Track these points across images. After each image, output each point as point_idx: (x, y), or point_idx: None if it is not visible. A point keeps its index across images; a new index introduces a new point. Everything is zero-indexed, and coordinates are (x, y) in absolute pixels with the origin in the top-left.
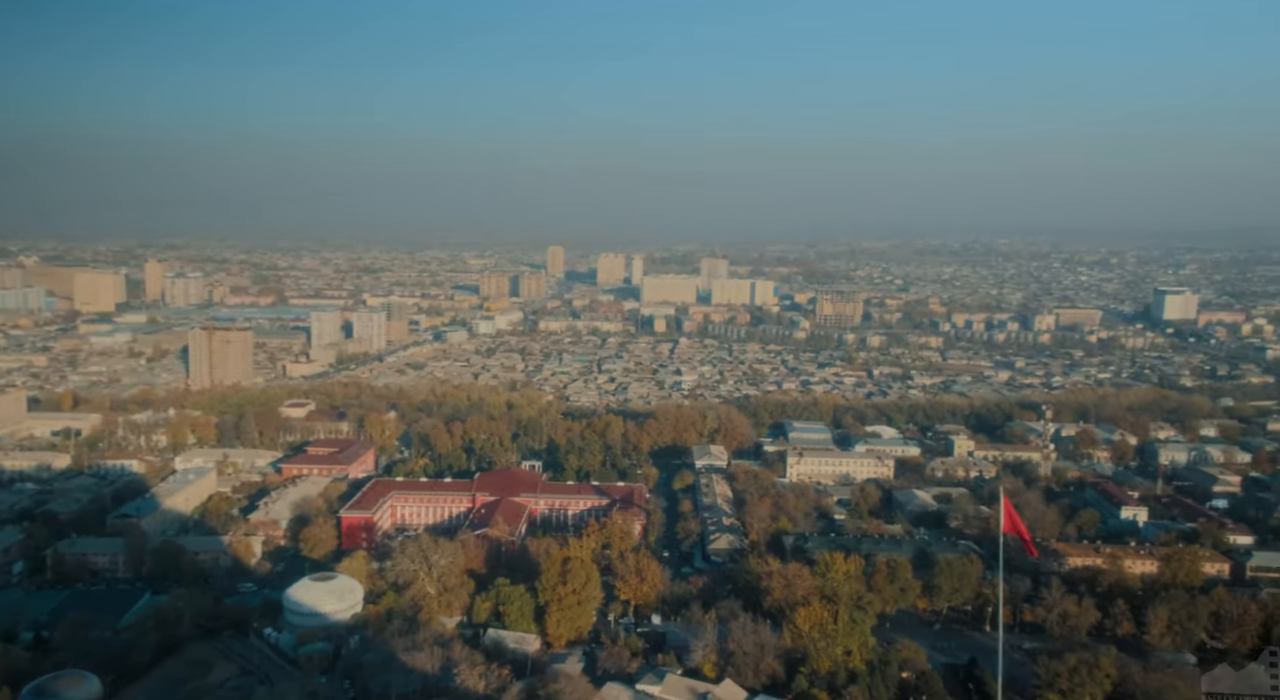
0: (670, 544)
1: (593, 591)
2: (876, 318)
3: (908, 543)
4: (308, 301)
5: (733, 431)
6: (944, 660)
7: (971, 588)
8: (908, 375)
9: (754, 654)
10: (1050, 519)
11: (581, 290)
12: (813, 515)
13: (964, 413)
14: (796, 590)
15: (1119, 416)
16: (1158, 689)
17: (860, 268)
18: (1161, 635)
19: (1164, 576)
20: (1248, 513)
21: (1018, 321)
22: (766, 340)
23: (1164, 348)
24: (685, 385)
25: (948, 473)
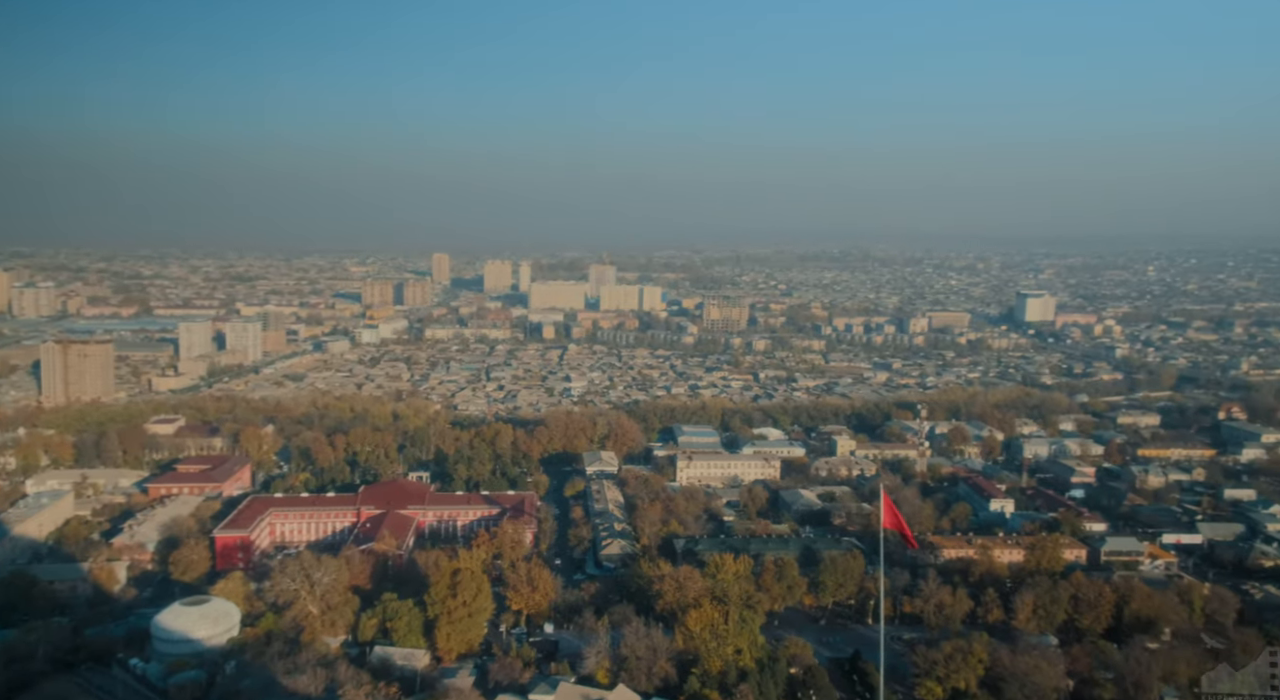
0: (562, 551)
1: (484, 603)
2: (761, 322)
3: (794, 541)
4: (175, 312)
5: (623, 437)
6: (829, 654)
7: (855, 583)
8: (792, 378)
9: (647, 658)
10: (926, 513)
11: (468, 297)
12: (703, 518)
13: (846, 413)
14: (688, 593)
15: (987, 414)
16: (1024, 670)
17: (745, 273)
18: (1028, 619)
19: (1029, 564)
20: (1102, 501)
21: (894, 324)
22: (655, 345)
23: (1026, 348)
24: (575, 391)
25: (831, 472)
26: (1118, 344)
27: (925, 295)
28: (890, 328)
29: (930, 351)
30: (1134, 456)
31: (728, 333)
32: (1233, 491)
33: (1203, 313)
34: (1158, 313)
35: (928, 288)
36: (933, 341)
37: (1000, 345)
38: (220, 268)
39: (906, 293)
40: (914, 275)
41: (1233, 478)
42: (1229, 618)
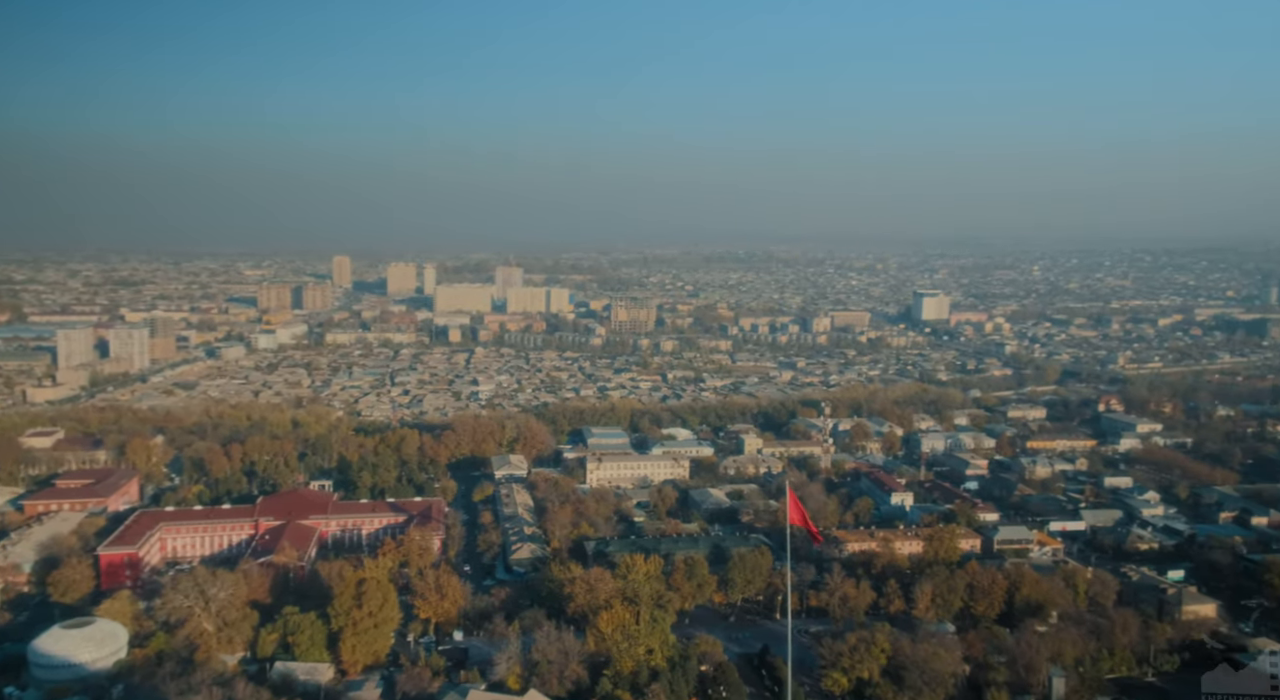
0: (472, 557)
1: (390, 613)
2: (669, 323)
3: (704, 540)
4: (53, 318)
5: (532, 440)
6: (739, 650)
7: (763, 579)
8: (700, 378)
9: (558, 662)
10: (831, 508)
11: (371, 301)
12: (613, 519)
13: (753, 412)
14: (599, 594)
15: (887, 410)
16: (924, 658)
17: (652, 275)
18: (927, 608)
19: (928, 555)
20: (994, 492)
21: (798, 324)
22: (563, 347)
23: (923, 345)
24: (483, 395)
25: (739, 470)
26: (1007, 341)
27: (827, 295)
28: (794, 327)
29: (833, 350)
30: (1023, 448)
31: (636, 334)
32: (1112, 480)
33: (1083, 310)
34: (1043, 311)
35: (830, 288)
36: (835, 340)
37: (899, 343)
38: (102, 272)
39: (809, 293)
40: (816, 276)
41: (1111, 467)
42: (1109, 599)
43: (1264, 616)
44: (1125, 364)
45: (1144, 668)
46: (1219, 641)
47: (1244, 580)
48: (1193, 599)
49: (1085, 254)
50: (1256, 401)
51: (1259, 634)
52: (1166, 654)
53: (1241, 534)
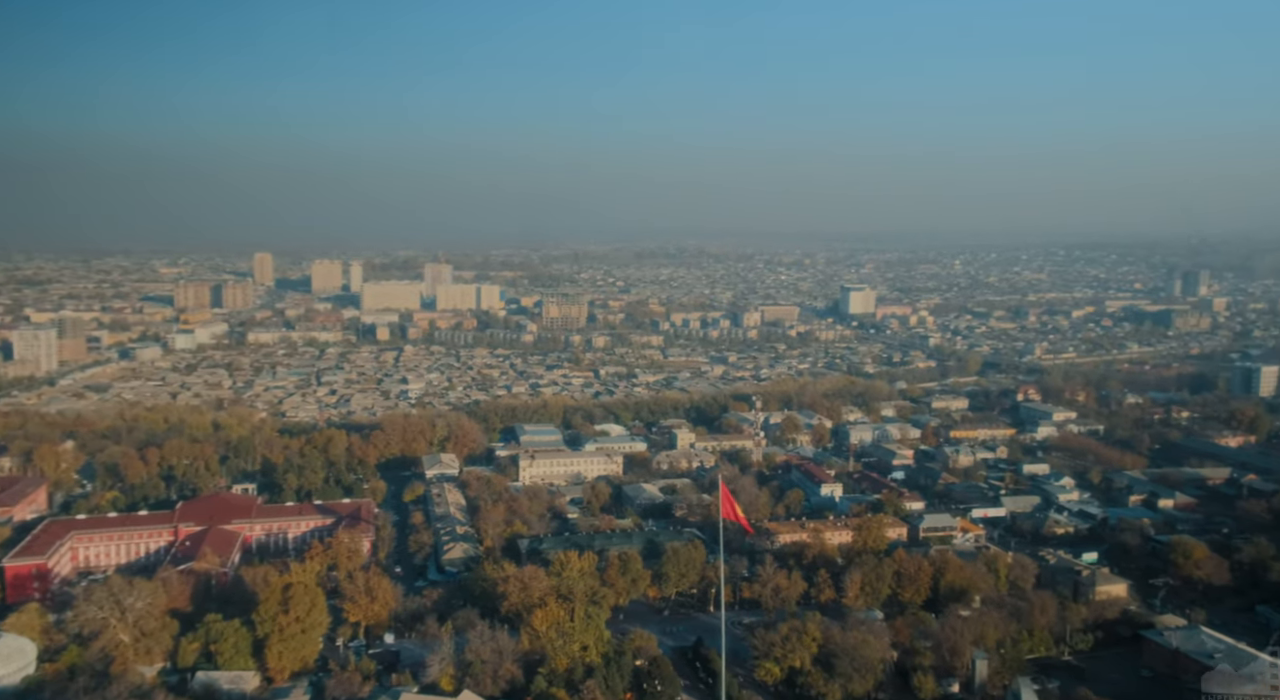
0: (403, 558)
1: (318, 617)
2: (601, 319)
3: (638, 535)
4: None
5: (463, 438)
6: (673, 644)
7: (697, 572)
8: (632, 374)
9: (492, 661)
10: (763, 501)
11: (295, 299)
12: (547, 516)
13: (685, 407)
14: (533, 592)
15: (817, 403)
16: (854, 645)
17: (584, 271)
18: (856, 596)
19: (857, 544)
20: (920, 481)
21: (729, 319)
22: (494, 345)
23: (850, 339)
24: (412, 394)
25: (672, 465)
26: (931, 333)
27: (757, 290)
28: (725, 322)
29: (763, 344)
30: (947, 438)
31: (568, 330)
32: (1030, 467)
33: (1002, 303)
34: (964, 304)
35: (759, 283)
36: (765, 335)
37: (827, 337)
38: (4, 271)
39: (740, 288)
40: (746, 271)
41: (1030, 454)
42: (1029, 582)
43: (1170, 594)
44: (1042, 355)
45: (1061, 647)
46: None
47: (1152, 560)
48: (1105, 580)
49: (1003, 249)
50: (1163, 389)
51: (1165, 611)
52: (1081, 633)
53: (1150, 516)
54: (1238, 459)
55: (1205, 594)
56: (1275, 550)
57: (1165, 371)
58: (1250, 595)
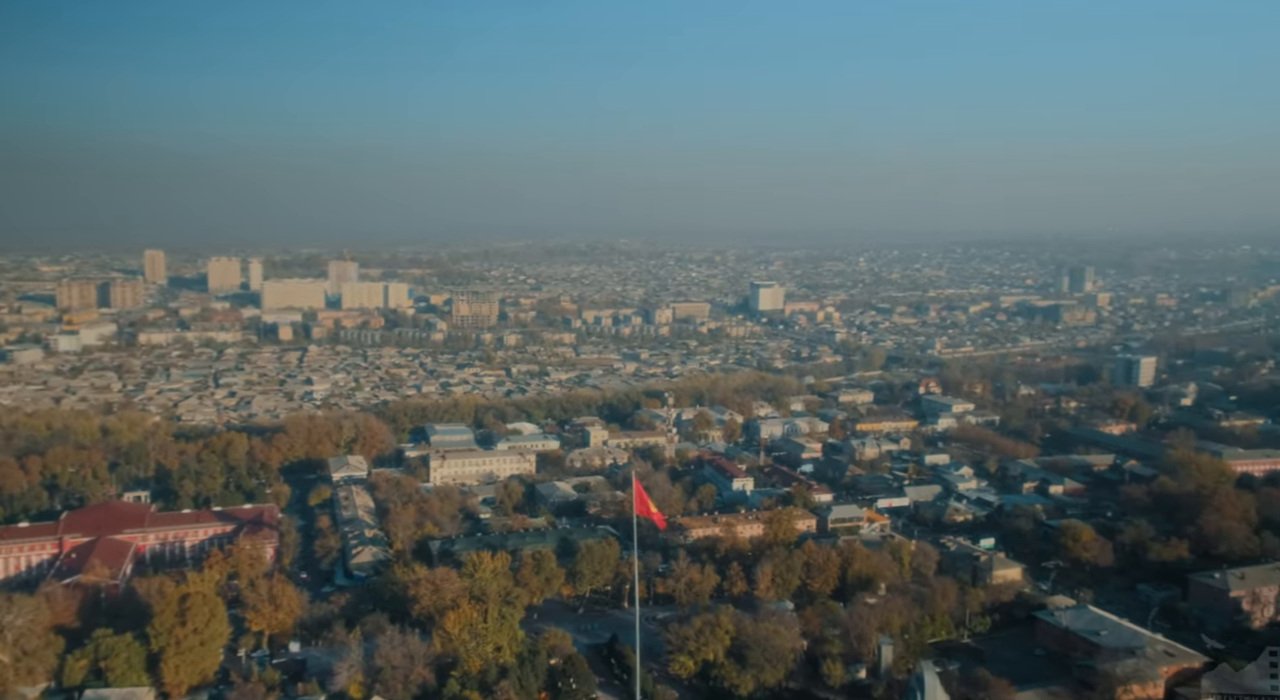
0: (309, 564)
1: (218, 628)
2: (512, 317)
3: (551, 534)
4: None
5: (372, 439)
6: (588, 641)
7: (611, 569)
8: (544, 371)
9: (403, 666)
10: (676, 496)
11: (190, 298)
12: (459, 517)
13: (598, 404)
14: (445, 594)
15: (728, 398)
16: (765, 636)
17: (494, 268)
18: (768, 588)
19: (768, 537)
20: (828, 474)
21: (641, 316)
22: (403, 344)
23: (760, 335)
24: (318, 395)
25: (585, 463)
26: (837, 329)
27: (669, 287)
28: (637, 319)
29: (675, 341)
30: (853, 431)
31: (478, 329)
32: (932, 457)
33: (904, 299)
34: (869, 300)
35: (670, 280)
36: (677, 331)
37: (738, 333)
38: None
39: (651, 285)
40: (657, 268)
41: (931, 445)
42: (931, 569)
43: (1061, 576)
44: (942, 349)
45: (961, 630)
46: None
47: (1044, 544)
48: (1001, 564)
49: (905, 247)
50: (1053, 380)
51: (1057, 592)
52: (980, 616)
53: (1042, 502)
54: (1120, 446)
55: (1092, 574)
56: (1154, 532)
57: (1055, 364)
58: (1132, 574)
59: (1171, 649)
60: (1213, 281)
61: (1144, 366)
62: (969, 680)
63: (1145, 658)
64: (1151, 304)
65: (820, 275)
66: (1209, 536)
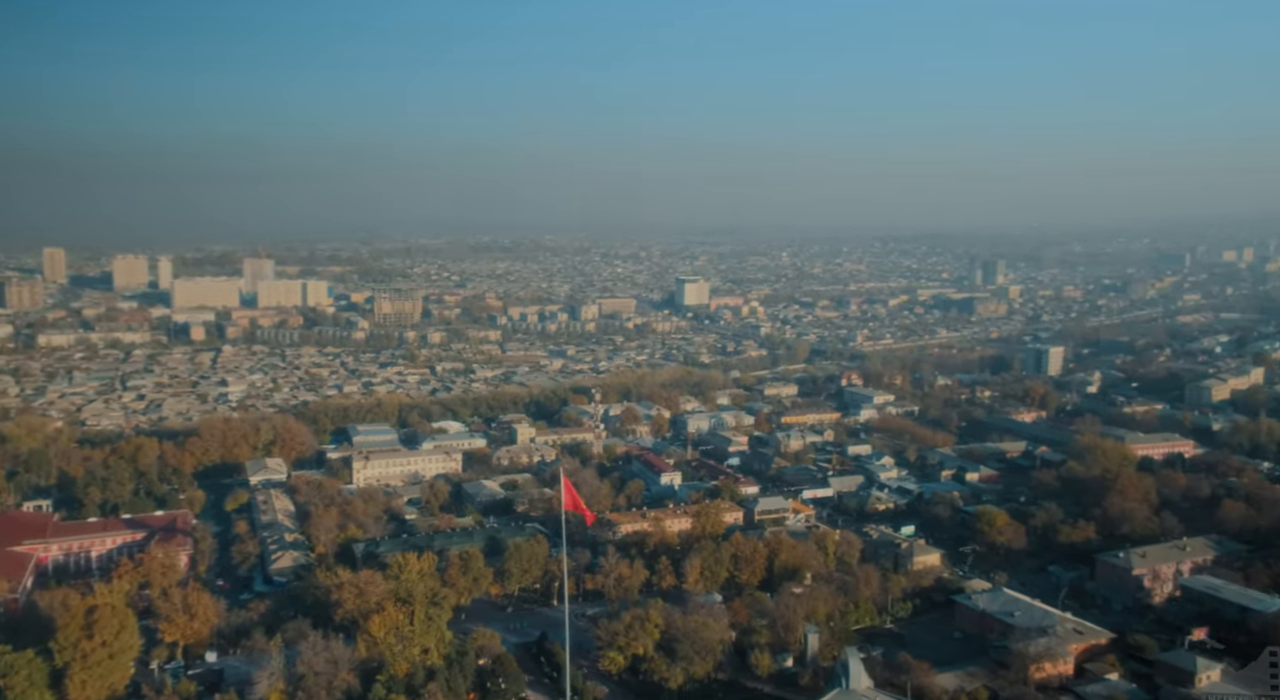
0: (226, 571)
1: (129, 640)
2: (436, 314)
3: (479, 533)
4: None
5: (291, 441)
6: (517, 640)
7: (540, 567)
8: (470, 369)
9: (327, 672)
10: (605, 492)
11: (94, 297)
12: (383, 519)
13: (525, 401)
14: (370, 598)
15: (655, 393)
16: (694, 629)
17: (417, 265)
18: (696, 581)
19: (696, 530)
20: (754, 466)
21: (567, 312)
22: (323, 343)
23: (686, 330)
24: (233, 396)
25: (513, 460)
26: (762, 323)
27: (594, 283)
28: (563, 315)
29: (601, 337)
30: (778, 424)
31: (402, 327)
32: (855, 448)
33: (826, 293)
34: (792, 294)
35: (596, 276)
36: (603, 327)
37: (664, 328)
38: None
39: (577, 281)
40: (583, 264)
41: (854, 436)
42: (855, 557)
43: (977, 560)
44: (863, 341)
45: (883, 616)
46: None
47: (961, 530)
48: (921, 551)
49: (826, 242)
50: (968, 371)
51: (973, 576)
52: (901, 601)
53: (959, 489)
54: (1031, 433)
55: (1007, 557)
56: (1064, 515)
57: (970, 354)
58: (1044, 556)
59: (1080, 626)
60: (1115, 274)
61: (1052, 356)
62: (891, 664)
63: (1056, 636)
64: (1059, 296)
65: (745, 270)
66: (1113, 518)
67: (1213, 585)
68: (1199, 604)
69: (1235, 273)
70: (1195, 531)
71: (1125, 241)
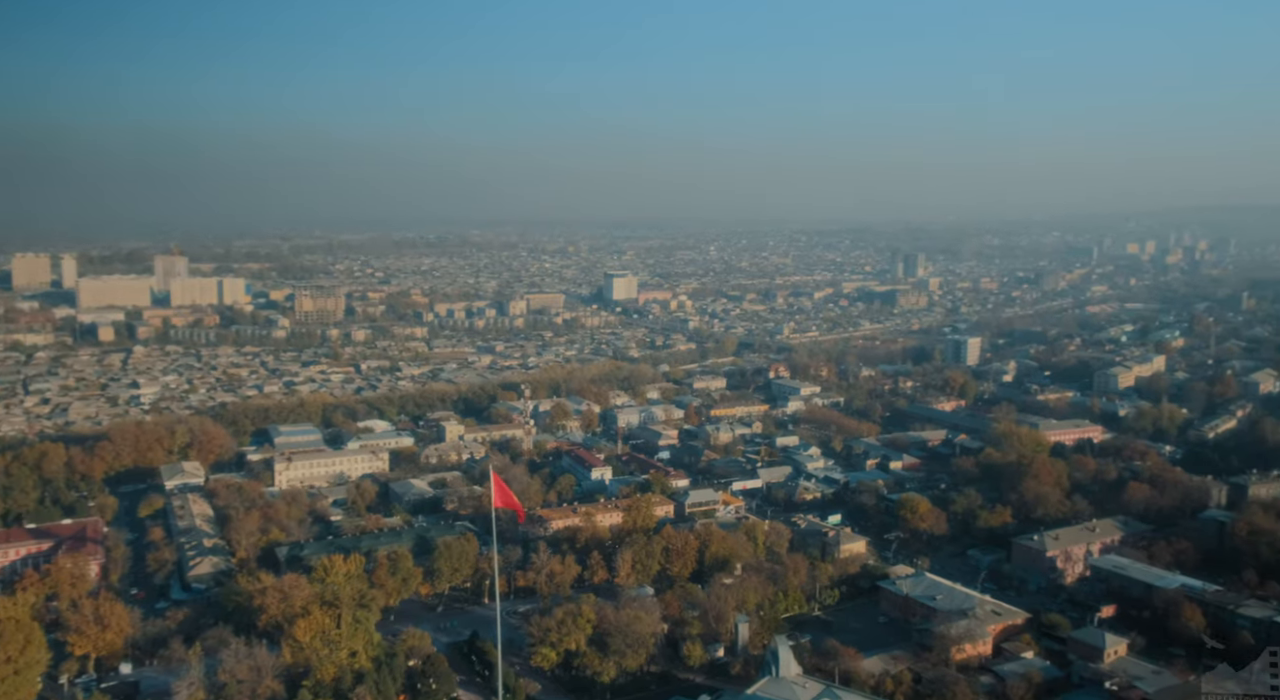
0: (141, 580)
1: (36, 655)
2: (360, 311)
3: (408, 532)
4: None
5: (209, 444)
6: (448, 640)
7: (470, 565)
8: (396, 367)
9: (250, 680)
10: (535, 488)
11: None
12: (308, 521)
13: (453, 399)
14: (294, 602)
15: (585, 388)
16: (627, 622)
17: (339, 262)
18: (628, 575)
19: (627, 524)
20: (684, 459)
21: (495, 308)
22: (242, 342)
23: (615, 324)
24: (146, 399)
25: (441, 458)
26: (690, 317)
27: (522, 278)
28: (491, 311)
29: (530, 332)
30: (708, 417)
31: (324, 324)
32: (783, 439)
33: (753, 286)
34: (719, 288)
35: (524, 271)
36: (532, 323)
37: (593, 323)
38: None
39: (504, 277)
40: (510, 259)
41: (782, 428)
42: (783, 547)
43: (901, 546)
44: (789, 334)
45: (812, 604)
46: (868, 573)
47: (886, 517)
48: (848, 539)
49: (753, 235)
50: (891, 362)
51: (898, 562)
52: (829, 589)
53: (883, 477)
54: (952, 421)
55: (929, 543)
56: (982, 500)
57: (892, 345)
58: (964, 541)
59: (998, 608)
60: (1028, 266)
61: (970, 346)
62: (820, 650)
63: (975, 618)
64: (976, 287)
65: (672, 264)
66: (1029, 502)
67: (1119, 564)
68: (1107, 583)
69: (1139, 265)
70: (1104, 513)
71: (1037, 234)
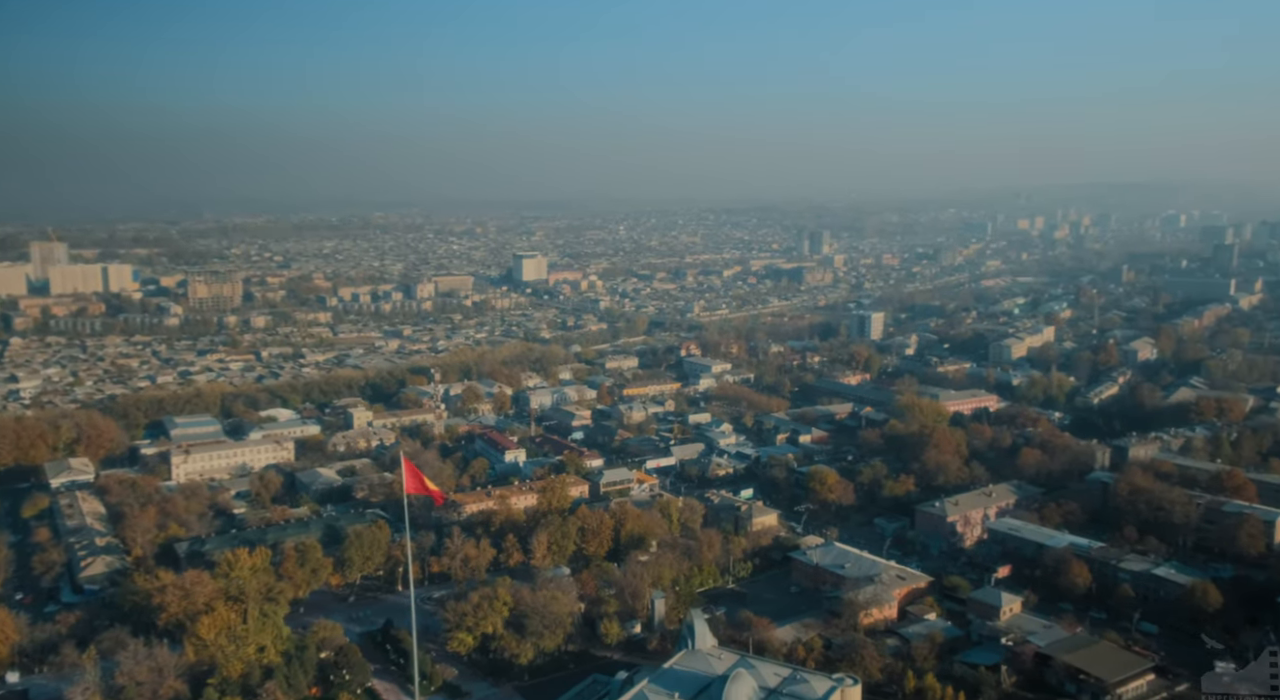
0: (26, 583)
1: None
2: (259, 297)
3: (316, 523)
4: None
5: (98, 439)
6: (360, 629)
7: (382, 553)
8: (299, 354)
9: (151, 681)
10: (447, 473)
11: None
12: (209, 515)
13: (360, 385)
14: (197, 599)
15: (496, 371)
16: (543, 603)
17: (235, 246)
18: (544, 556)
19: (542, 506)
20: (598, 439)
21: (401, 291)
22: (130, 331)
23: (526, 306)
24: (25, 393)
25: (350, 446)
26: (601, 297)
27: (429, 261)
28: (398, 295)
29: (439, 315)
30: (621, 396)
31: (220, 311)
32: (695, 417)
33: (663, 265)
34: (630, 267)
35: (431, 253)
36: (440, 306)
37: (503, 305)
38: None
39: (411, 259)
40: (416, 241)
41: (694, 405)
42: (697, 522)
43: (811, 517)
44: (700, 312)
45: (726, 577)
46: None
47: (796, 490)
48: (760, 512)
49: (662, 214)
50: (798, 338)
51: (808, 533)
52: (743, 562)
53: (793, 451)
54: (857, 394)
55: (838, 513)
56: (887, 470)
57: (800, 322)
58: (870, 510)
59: (903, 573)
60: (927, 242)
61: (874, 321)
62: (734, 622)
63: (881, 584)
64: (879, 264)
65: (582, 244)
66: (930, 470)
67: (1014, 526)
68: (1003, 544)
69: (1029, 240)
70: (1000, 478)
71: (935, 211)
